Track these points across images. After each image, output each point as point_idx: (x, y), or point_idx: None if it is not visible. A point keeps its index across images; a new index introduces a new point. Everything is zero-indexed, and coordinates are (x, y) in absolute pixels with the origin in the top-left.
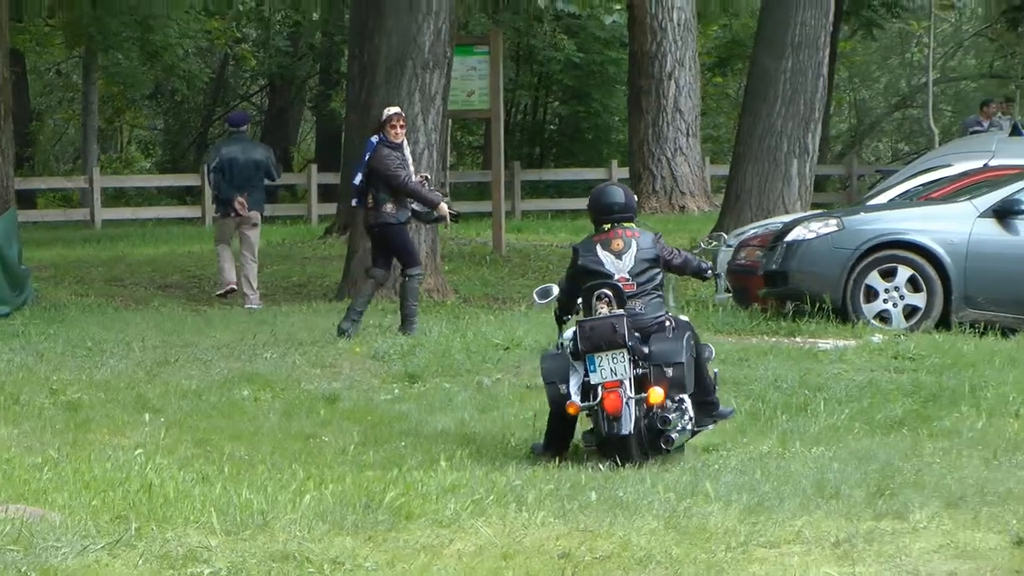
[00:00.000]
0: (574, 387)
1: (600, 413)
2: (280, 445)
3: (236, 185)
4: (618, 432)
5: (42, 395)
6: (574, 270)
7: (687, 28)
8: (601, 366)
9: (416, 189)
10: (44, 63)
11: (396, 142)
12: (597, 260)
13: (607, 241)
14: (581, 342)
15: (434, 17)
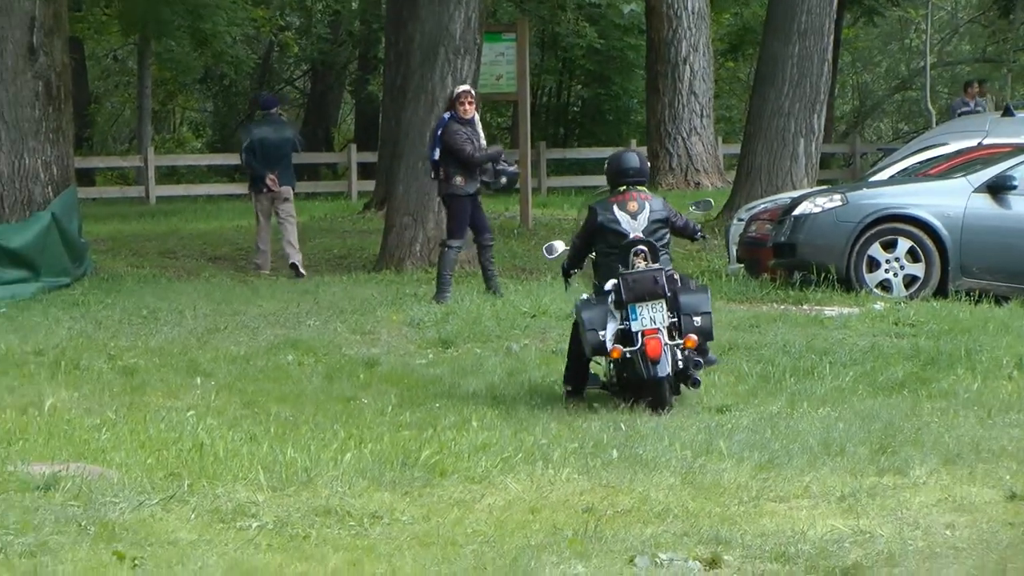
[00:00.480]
0: (610, 333)
1: (641, 357)
2: (322, 407)
3: (268, 163)
4: (657, 375)
5: (101, 360)
6: (590, 227)
7: (701, 16)
8: (642, 315)
9: (480, 159)
10: (102, 50)
11: (466, 118)
12: (615, 219)
13: (623, 203)
14: (625, 293)
15: (464, 6)
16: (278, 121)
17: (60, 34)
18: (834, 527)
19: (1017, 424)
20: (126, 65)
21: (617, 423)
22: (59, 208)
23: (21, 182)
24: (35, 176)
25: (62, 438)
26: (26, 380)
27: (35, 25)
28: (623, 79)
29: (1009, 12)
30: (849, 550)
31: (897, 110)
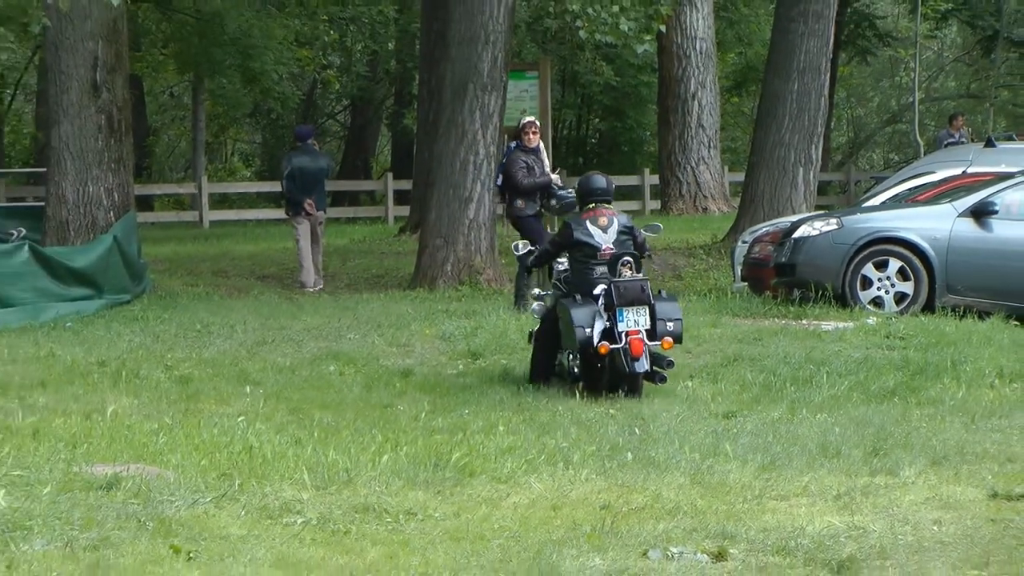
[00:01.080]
0: (598, 332)
1: (624, 353)
2: (362, 413)
3: (305, 189)
4: (636, 370)
5: (158, 370)
6: (564, 239)
7: (708, 56)
8: (628, 318)
9: (528, 186)
10: (159, 87)
11: (530, 147)
12: (587, 233)
13: (595, 218)
14: (616, 298)
15: (491, 47)
16: (313, 151)
17: (121, 72)
18: (831, 523)
19: (998, 429)
20: (181, 101)
21: (632, 428)
22: (120, 231)
23: (85, 208)
24: (98, 202)
25: (123, 441)
26: (90, 388)
27: (98, 64)
28: (637, 113)
29: (990, 52)
30: (844, 544)
31: (888, 141)
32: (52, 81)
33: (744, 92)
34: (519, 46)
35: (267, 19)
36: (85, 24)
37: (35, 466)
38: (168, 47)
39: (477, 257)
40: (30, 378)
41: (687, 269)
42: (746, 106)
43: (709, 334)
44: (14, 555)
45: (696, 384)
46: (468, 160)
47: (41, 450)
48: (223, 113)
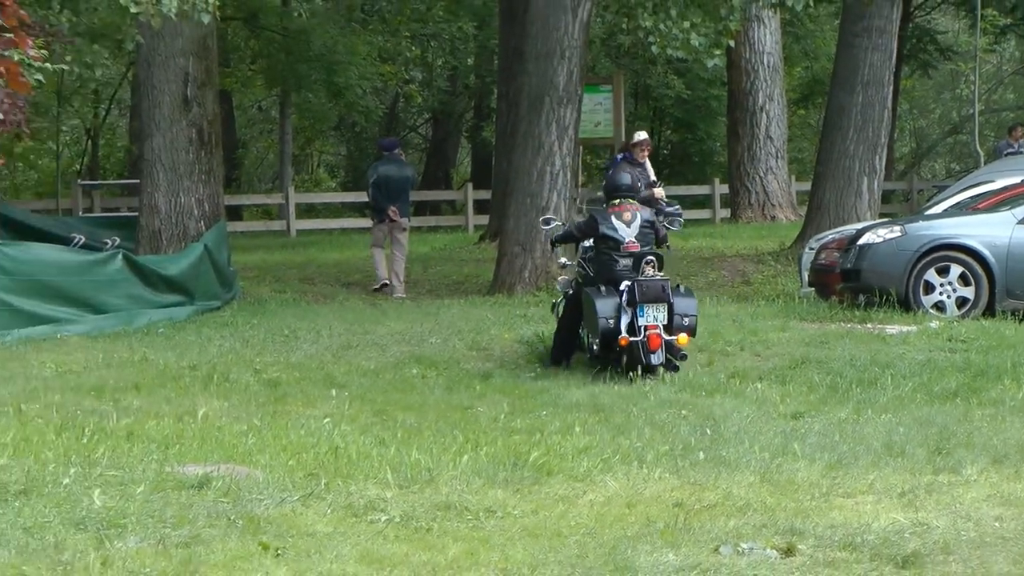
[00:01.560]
0: (624, 324)
1: (643, 346)
2: (443, 415)
3: (390, 197)
4: (652, 362)
5: (247, 374)
6: (589, 230)
7: (775, 69)
8: (648, 313)
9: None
10: (248, 101)
11: (639, 161)
12: (612, 227)
13: (619, 213)
14: (639, 295)
15: (567, 62)
16: (398, 161)
17: (211, 87)
18: (895, 519)
19: None
20: (269, 114)
21: (703, 428)
22: (211, 240)
23: (177, 218)
24: (189, 212)
25: (213, 442)
26: (182, 392)
27: (189, 79)
28: (707, 125)
29: None
30: (909, 540)
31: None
32: (145, 96)
33: (810, 104)
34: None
35: (351, 36)
36: (176, 41)
37: (129, 466)
38: (256, 63)
39: (554, 264)
40: (124, 382)
41: (756, 275)
42: (812, 118)
43: (777, 338)
44: (109, 552)
45: (765, 386)
46: (545, 171)
47: (135, 451)
48: (309, 126)
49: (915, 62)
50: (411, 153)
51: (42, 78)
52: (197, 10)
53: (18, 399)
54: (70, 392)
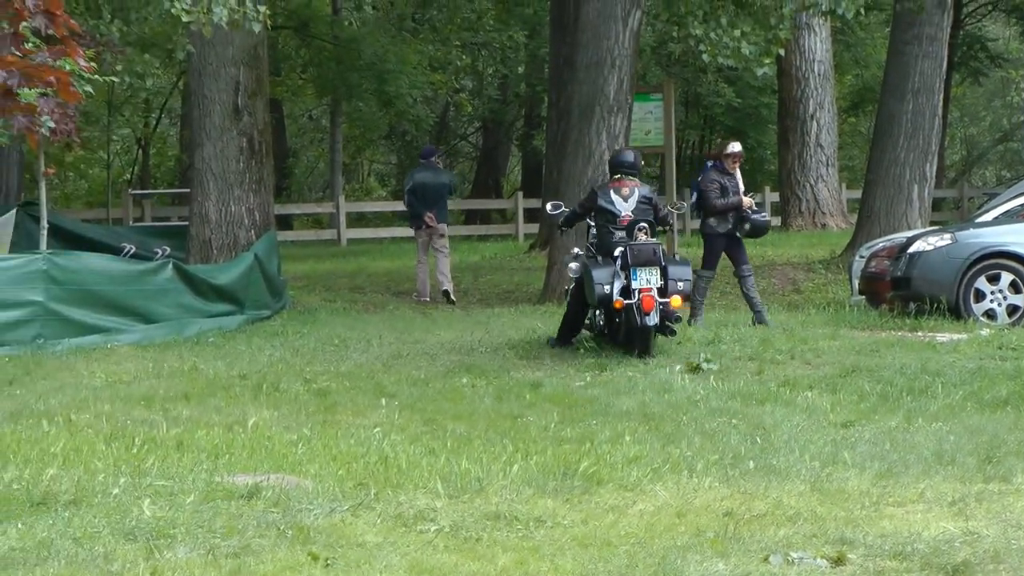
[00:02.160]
0: (617, 290)
1: (637, 309)
2: (493, 424)
3: (427, 204)
4: (647, 323)
5: (297, 383)
6: (589, 203)
7: (825, 77)
8: (641, 276)
9: (720, 207)
10: (299, 110)
11: (730, 171)
12: (610, 200)
13: (618, 188)
14: (631, 258)
15: (617, 70)
16: (435, 168)
17: (262, 96)
18: (946, 528)
19: None
20: (320, 123)
21: (753, 437)
22: (261, 249)
23: (228, 227)
24: (240, 221)
25: (263, 452)
26: (232, 401)
27: (239, 88)
28: (757, 133)
29: None
30: (959, 549)
31: (1000, 159)
32: (195, 105)
33: (861, 112)
34: (644, 69)
35: (402, 45)
36: (227, 50)
37: (179, 476)
38: (307, 72)
39: None
40: (174, 391)
41: (806, 283)
42: (863, 126)
43: (828, 346)
44: (158, 562)
45: (815, 394)
46: (595, 179)
47: (185, 460)
48: (360, 135)
49: (966, 69)
50: (461, 162)
51: (92, 88)
52: (248, 19)
53: (68, 409)
54: (120, 402)
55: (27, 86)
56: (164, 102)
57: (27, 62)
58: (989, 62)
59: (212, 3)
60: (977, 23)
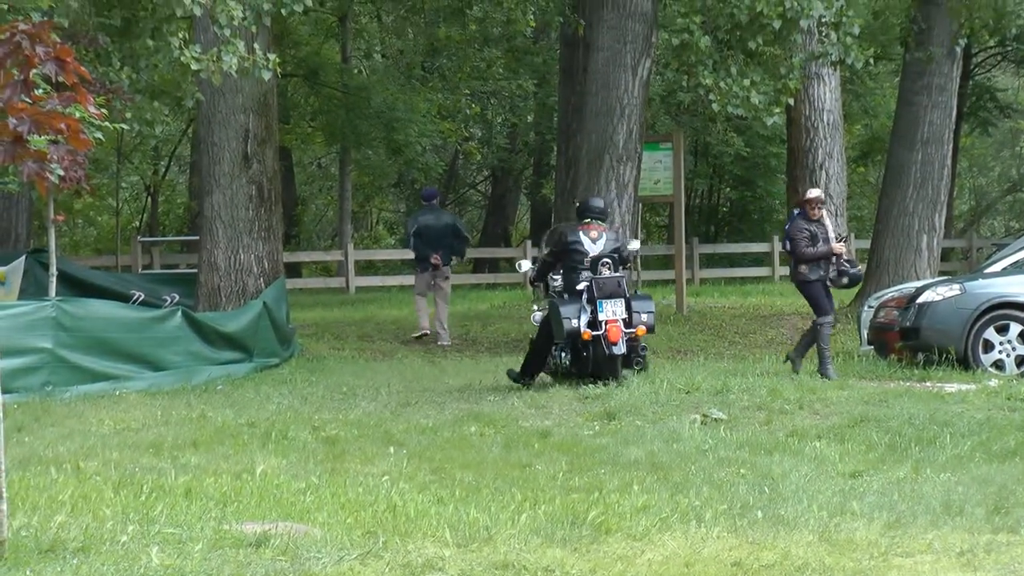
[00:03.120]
0: (583, 322)
1: (604, 339)
2: (501, 472)
3: (431, 245)
4: (614, 352)
5: (306, 431)
6: (563, 246)
7: (835, 127)
8: (607, 308)
9: (809, 256)
10: (308, 158)
11: (813, 218)
12: (579, 241)
13: (587, 231)
14: (596, 291)
15: (626, 120)
16: (438, 210)
17: (271, 144)
18: None
19: None
20: (329, 171)
21: (762, 487)
22: (269, 297)
23: (236, 274)
24: (248, 269)
25: (271, 500)
26: (240, 449)
27: (249, 136)
28: (766, 182)
29: None
30: None
31: (1009, 209)
32: (205, 153)
33: (870, 162)
34: (653, 118)
35: (411, 93)
36: (236, 98)
37: (187, 524)
38: (316, 120)
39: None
40: (183, 439)
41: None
42: (872, 175)
43: (836, 396)
44: None
45: (824, 444)
46: None
47: (193, 508)
48: (369, 183)
49: (975, 120)
50: (470, 210)
51: (102, 135)
52: (257, 67)
53: (76, 456)
54: (128, 449)
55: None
56: (173, 149)
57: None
58: (998, 112)
59: (222, 51)
60: (986, 74)
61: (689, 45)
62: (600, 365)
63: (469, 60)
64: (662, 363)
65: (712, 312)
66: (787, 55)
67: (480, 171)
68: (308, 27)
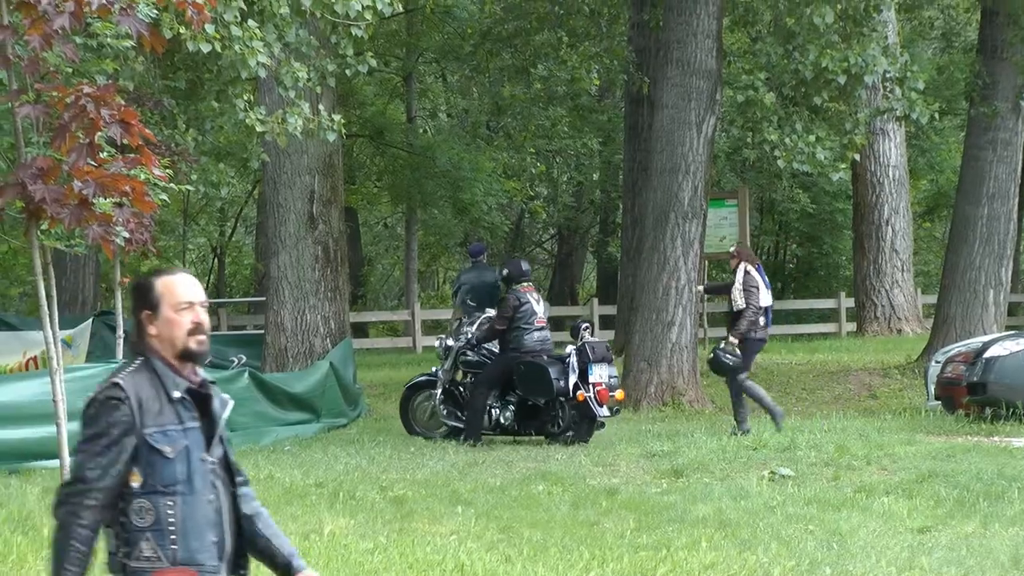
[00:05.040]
0: (571, 383)
1: (594, 400)
2: (569, 531)
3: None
4: (601, 414)
5: (373, 491)
6: (515, 307)
7: (900, 183)
8: (596, 372)
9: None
10: (373, 218)
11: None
12: (528, 302)
13: (530, 292)
14: (591, 355)
15: (692, 177)
16: (483, 266)
17: (337, 204)
18: None
19: None
20: (395, 231)
21: (830, 543)
22: (336, 357)
23: (303, 335)
24: (315, 330)
25: (339, 560)
26: (308, 509)
27: (314, 197)
28: (832, 239)
29: None
30: None
31: None
32: (270, 214)
33: (936, 217)
34: (718, 175)
35: (476, 152)
36: (302, 159)
37: None
38: (382, 179)
39: (679, 379)
40: None
41: (882, 389)
42: (938, 231)
43: (904, 451)
44: None
45: (892, 500)
46: (670, 286)
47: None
48: (435, 242)
49: None
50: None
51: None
52: (323, 129)
53: None
54: None
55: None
56: (239, 210)
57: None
58: None
59: (287, 113)
60: None
61: (754, 102)
62: (580, 425)
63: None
64: (729, 419)
65: (779, 368)
66: (852, 111)
67: (546, 229)
68: (373, 87)
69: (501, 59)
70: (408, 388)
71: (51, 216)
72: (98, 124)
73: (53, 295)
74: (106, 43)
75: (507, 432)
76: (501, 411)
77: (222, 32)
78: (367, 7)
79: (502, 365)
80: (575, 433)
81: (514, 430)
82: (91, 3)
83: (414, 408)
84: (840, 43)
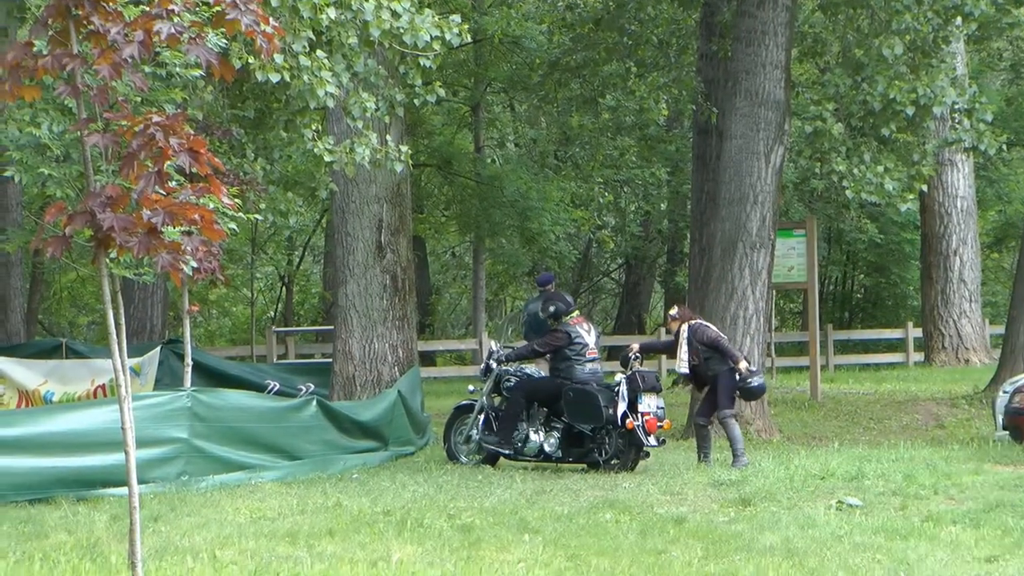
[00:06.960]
0: (620, 412)
1: (642, 429)
2: (636, 559)
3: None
4: (650, 444)
5: (441, 519)
6: (566, 339)
7: (968, 213)
8: (645, 401)
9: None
10: (441, 247)
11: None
12: (579, 335)
13: (580, 325)
14: (642, 384)
15: (760, 207)
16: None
17: (404, 234)
18: None
19: None
20: (462, 260)
21: (898, 572)
22: (404, 386)
23: (371, 363)
24: (383, 358)
25: None
26: (376, 537)
27: (383, 226)
28: (900, 269)
29: None
30: None
31: None
32: (339, 243)
33: (1004, 248)
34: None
35: (544, 182)
36: (370, 188)
37: None
38: (449, 209)
39: (747, 408)
40: (318, 527)
41: (950, 419)
42: (1006, 261)
43: (971, 481)
44: None
45: (959, 529)
46: (738, 315)
47: None
48: (502, 271)
49: None
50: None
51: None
52: (390, 159)
53: (212, 545)
54: (264, 538)
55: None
56: (308, 239)
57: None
58: None
59: (355, 143)
60: None
61: (822, 132)
62: (626, 453)
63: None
64: (797, 449)
65: (846, 398)
66: (920, 142)
67: (613, 259)
68: (441, 117)
69: (569, 89)
70: (455, 410)
71: (120, 244)
72: (167, 153)
73: (122, 323)
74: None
75: (549, 460)
76: (546, 438)
77: (291, 62)
78: (436, 38)
79: (549, 385)
80: (620, 462)
81: (558, 457)
82: (160, 32)
83: (456, 432)
84: (908, 74)
